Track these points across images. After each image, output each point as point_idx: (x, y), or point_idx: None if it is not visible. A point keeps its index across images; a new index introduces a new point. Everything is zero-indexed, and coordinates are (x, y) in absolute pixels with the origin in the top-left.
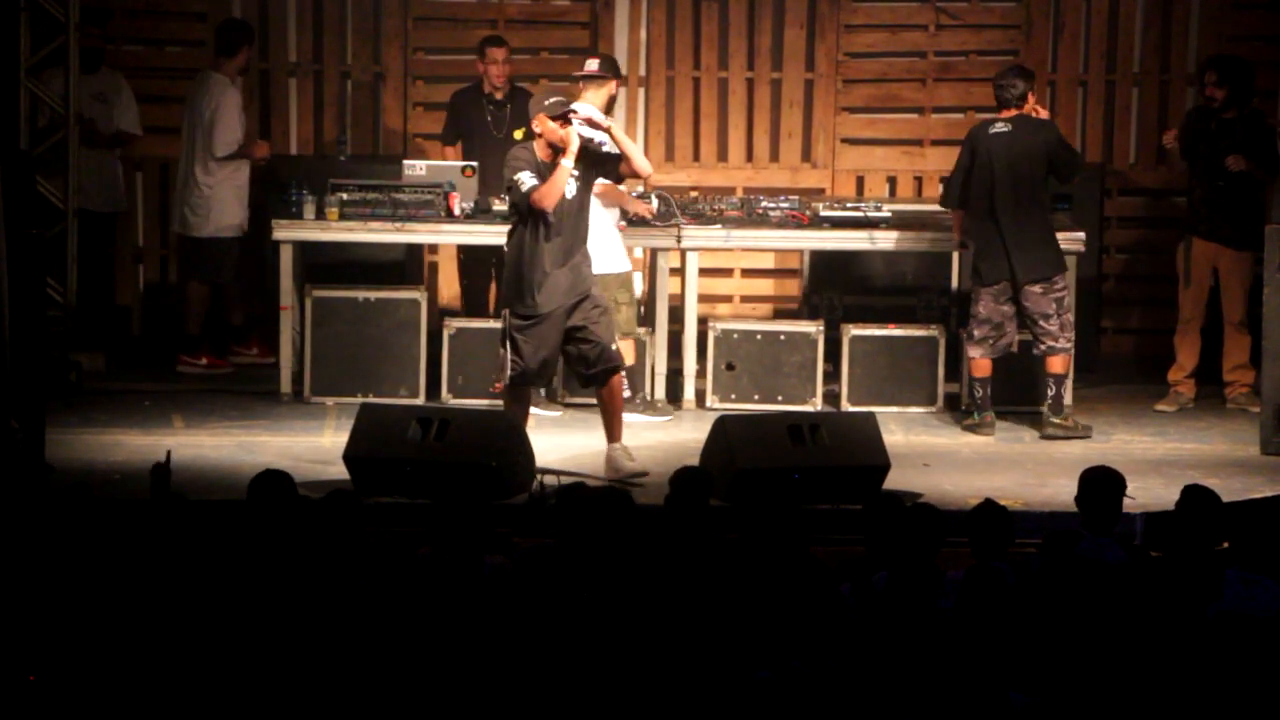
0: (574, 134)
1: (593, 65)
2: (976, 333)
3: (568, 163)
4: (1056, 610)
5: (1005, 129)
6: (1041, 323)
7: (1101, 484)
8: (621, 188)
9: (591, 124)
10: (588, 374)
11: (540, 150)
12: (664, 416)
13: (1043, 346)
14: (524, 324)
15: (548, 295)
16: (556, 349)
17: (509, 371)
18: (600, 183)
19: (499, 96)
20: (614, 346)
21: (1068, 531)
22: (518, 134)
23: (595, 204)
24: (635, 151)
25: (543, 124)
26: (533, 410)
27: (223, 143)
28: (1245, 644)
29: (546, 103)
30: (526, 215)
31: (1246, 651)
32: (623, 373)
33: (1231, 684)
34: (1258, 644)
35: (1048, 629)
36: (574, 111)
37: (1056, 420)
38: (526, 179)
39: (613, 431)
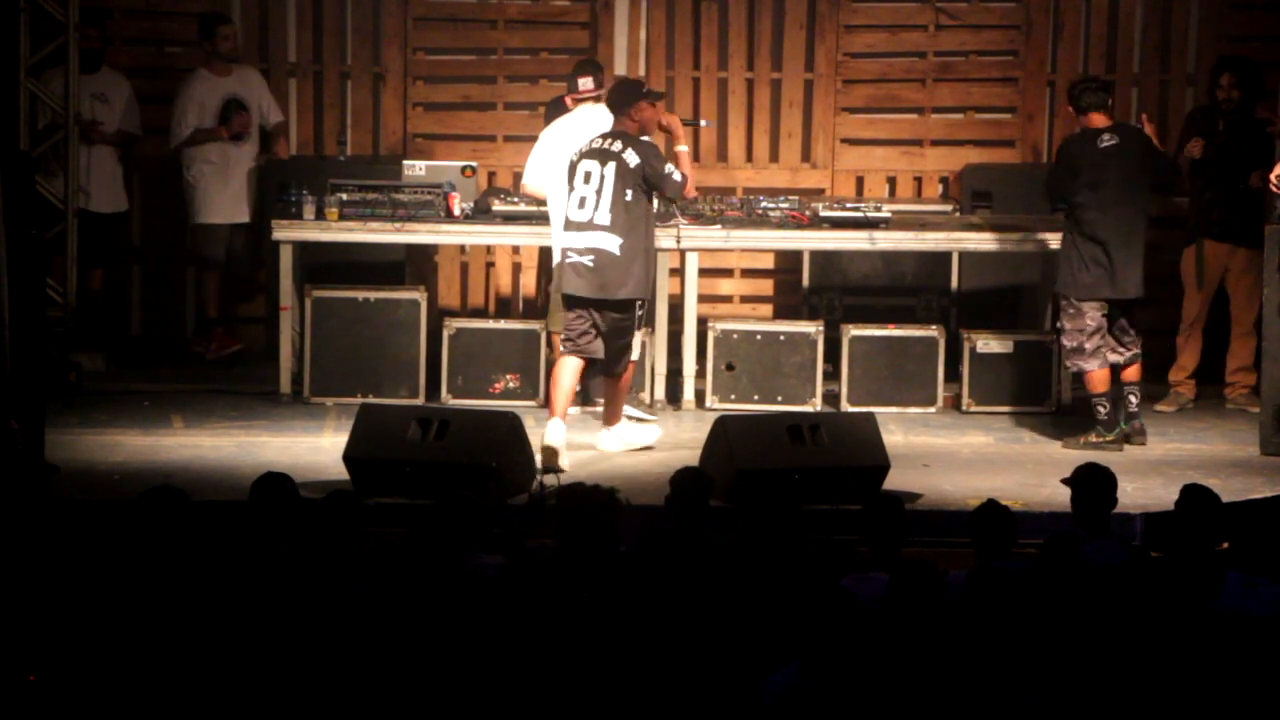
0: (676, 119)
1: (588, 84)
2: (1089, 345)
3: (685, 148)
4: (1057, 611)
5: (1114, 141)
6: (1131, 330)
7: (1092, 482)
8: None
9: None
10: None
11: (633, 134)
12: (651, 420)
13: (1129, 354)
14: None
15: None
16: None
17: (638, 344)
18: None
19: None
20: None
21: (1068, 533)
22: None
23: None
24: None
25: (644, 113)
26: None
27: (172, 135)
28: (1245, 645)
29: (644, 90)
30: (658, 203)
31: (1246, 653)
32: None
33: (1231, 686)
34: (1257, 645)
35: (1048, 630)
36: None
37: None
38: (674, 170)
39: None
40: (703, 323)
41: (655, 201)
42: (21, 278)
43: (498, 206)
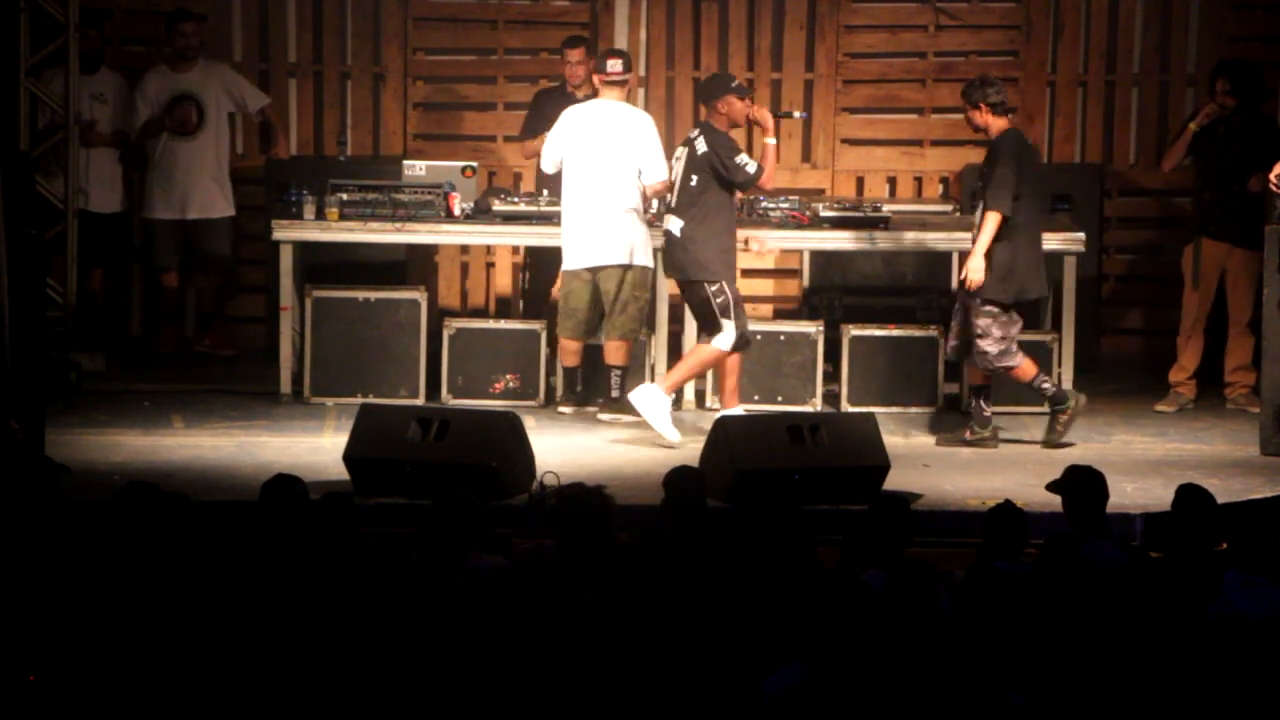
0: (765, 112)
1: (616, 66)
2: (1014, 345)
3: (773, 141)
4: (1057, 613)
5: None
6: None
7: (1084, 483)
8: None
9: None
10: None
11: (722, 127)
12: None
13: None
14: (736, 292)
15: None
16: None
17: (734, 337)
18: (663, 181)
19: (580, 95)
20: None
21: (1068, 534)
22: None
23: (635, 196)
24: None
25: (731, 105)
26: (566, 409)
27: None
28: (1244, 646)
29: (733, 84)
30: (729, 194)
31: (1245, 654)
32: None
33: (1230, 687)
34: (1256, 646)
35: (1047, 630)
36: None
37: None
38: (749, 162)
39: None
40: None
41: (733, 192)
42: (21, 278)
43: (498, 206)
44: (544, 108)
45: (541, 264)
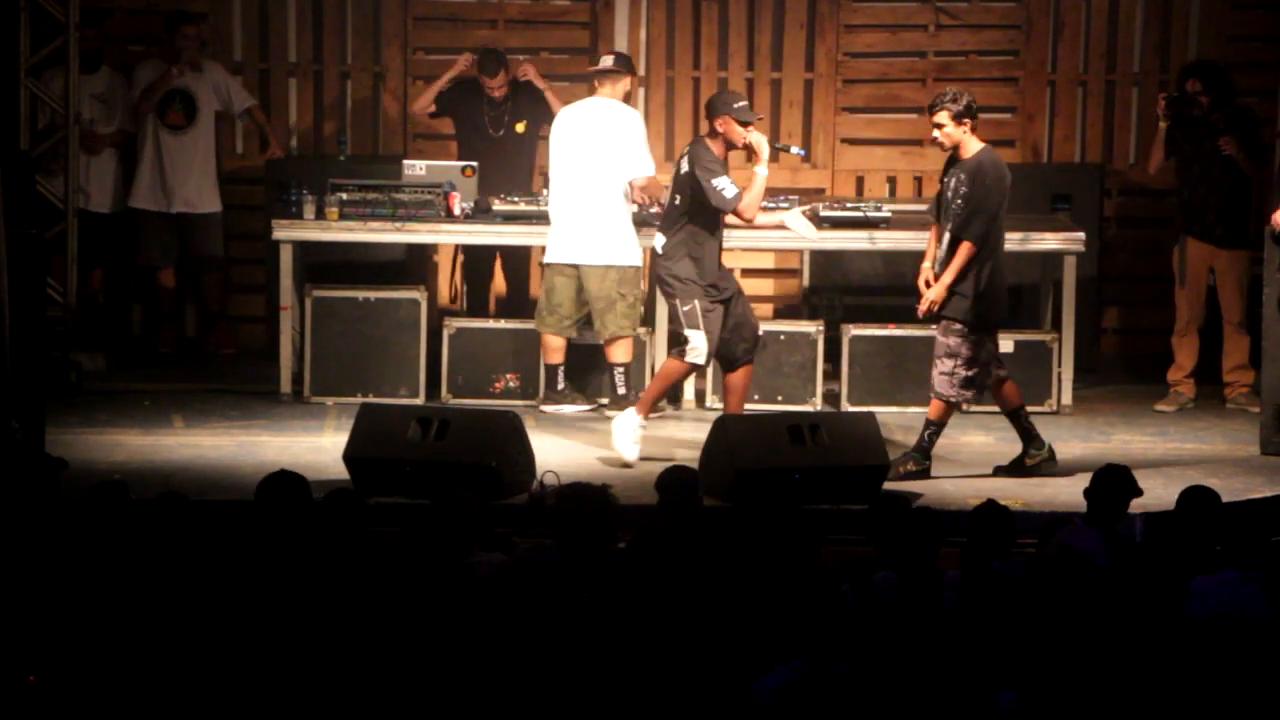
0: (762, 141)
1: (608, 61)
2: (1003, 371)
3: (763, 171)
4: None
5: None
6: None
7: (1110, 481)
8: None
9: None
10: (748, 353)
11: (716, 148)
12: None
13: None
14: (712, 308)
15: (727, 281)
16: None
17: (705, 351)
18: (647, 175)
19: (497, 97)
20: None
21: (1061, 518)
22: (519, 127)
23: (620, 195)
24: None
25: (729, 126)
26: (559, 409)
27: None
28: (1239, 646)
29: (735, 105)
30: (712, 213)
31: (1237, 653)
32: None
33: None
34: (1250, 646)
35: (1039, 625)
36: (758, 120)
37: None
38: (728, 186)
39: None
40: None
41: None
42: (21, 278)
43: (498, 206)
44: (459, 99)
45: (512, 262)
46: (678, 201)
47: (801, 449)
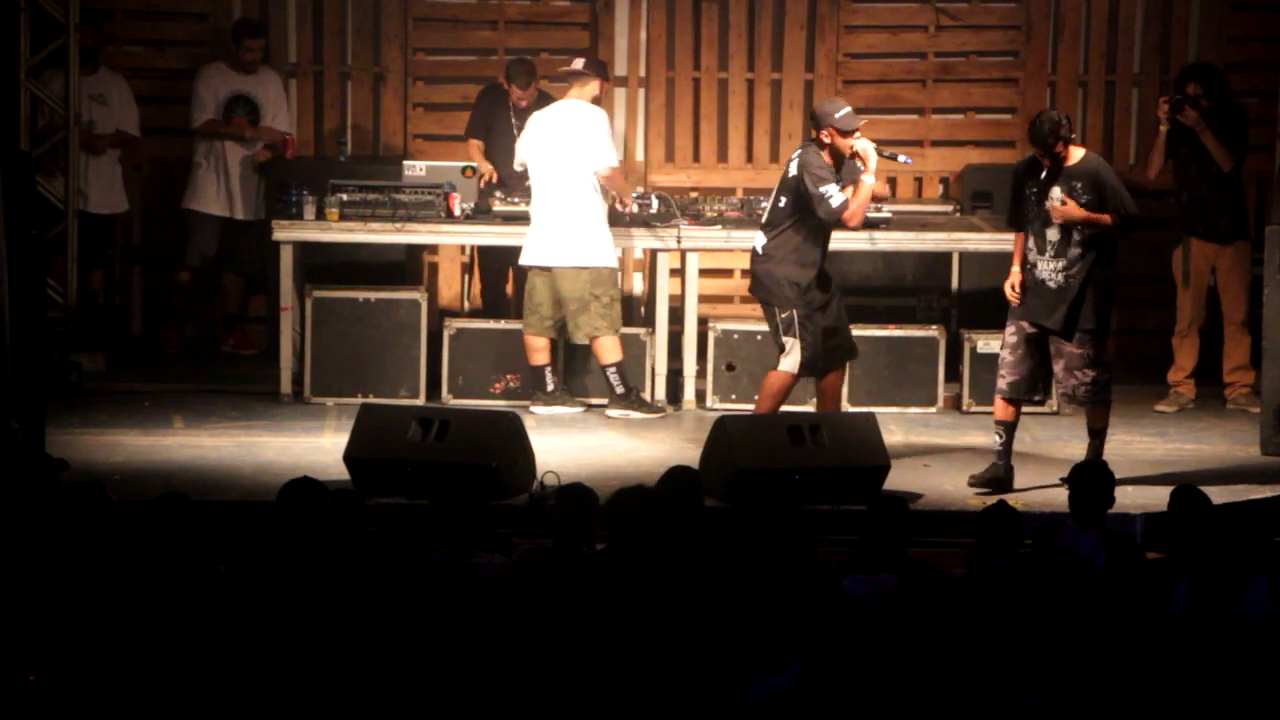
0: (869, 148)
1: (578, 63)
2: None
3: (870, 179)
4: (1041, 603)
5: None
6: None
7: (1090, 478)
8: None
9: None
10: (842, 359)
11: (827, 155)
12: (656, 414)
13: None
14: (810, 315)
15: (828, 286)
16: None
17: (801, 360)
18: (610, 166)
19: (523, 105)
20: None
21: (1056, 520)
22: None
23: (592, 196)
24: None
25: (834, 138)
26: (550, 410)
27: (191, 119)
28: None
29: (837, 116)
30: (819, 220)
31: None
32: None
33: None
34: (1252, 646)
35: (1042, 626)
36: (860, 129)
37: None
38: (835, 194)
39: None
40: (703, 323)
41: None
42: (21, 278)
43: (498, 206)
44: (488, 108)
45: (493, 265)
46: (782, 204)
47: (801, 449)
